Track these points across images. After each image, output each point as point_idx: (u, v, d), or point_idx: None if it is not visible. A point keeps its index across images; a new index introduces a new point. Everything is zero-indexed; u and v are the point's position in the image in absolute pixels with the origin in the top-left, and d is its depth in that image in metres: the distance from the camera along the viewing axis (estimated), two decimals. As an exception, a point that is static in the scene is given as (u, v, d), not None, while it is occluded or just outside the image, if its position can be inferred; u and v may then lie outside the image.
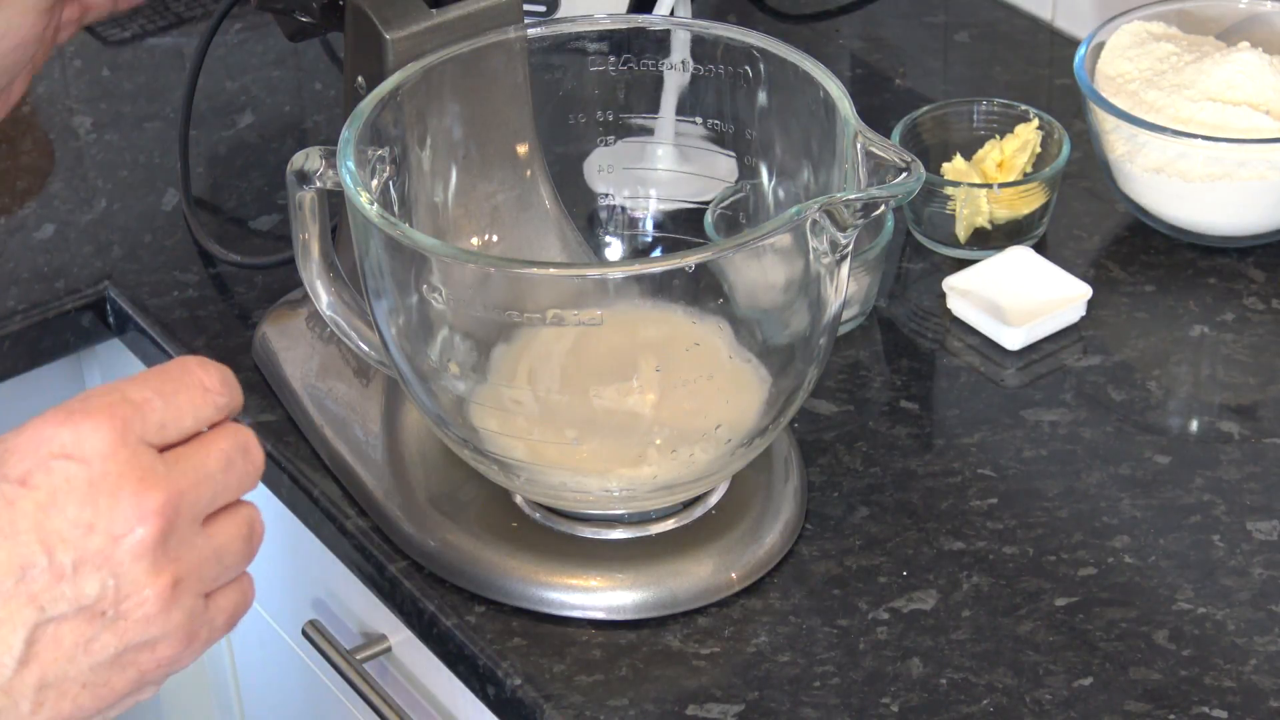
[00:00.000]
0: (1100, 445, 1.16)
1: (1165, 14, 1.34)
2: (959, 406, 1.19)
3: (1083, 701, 1.01)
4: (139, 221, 1.37)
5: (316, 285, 1.07)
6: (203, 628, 0.81)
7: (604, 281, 1.00)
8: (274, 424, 1.20)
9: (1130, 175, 1.29)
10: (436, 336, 1.03)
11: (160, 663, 0.80)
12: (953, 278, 1.26)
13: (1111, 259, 1.29)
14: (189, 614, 0.80)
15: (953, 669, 1.03)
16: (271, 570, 1.34)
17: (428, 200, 1.09)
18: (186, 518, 0.79)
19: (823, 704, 1.01)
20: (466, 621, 1.07)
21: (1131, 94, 1.29)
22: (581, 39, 1.11)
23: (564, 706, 1.02)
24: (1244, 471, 1.13)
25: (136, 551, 0.77)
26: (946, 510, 1.12)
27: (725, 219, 1.15)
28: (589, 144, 1.14)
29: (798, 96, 1.05)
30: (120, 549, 0.77)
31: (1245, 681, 1.02)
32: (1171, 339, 1.23)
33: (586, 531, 1.08)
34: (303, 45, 1.53)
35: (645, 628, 1.06)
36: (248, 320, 1.28)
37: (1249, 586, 1.07)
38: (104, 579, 0.77)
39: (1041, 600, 1.07)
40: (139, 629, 0.78)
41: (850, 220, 0.97)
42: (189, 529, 0.79)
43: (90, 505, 0.77)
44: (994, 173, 1.30)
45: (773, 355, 1.04)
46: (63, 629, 0.77)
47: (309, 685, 1.36)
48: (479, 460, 1.05)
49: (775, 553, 1.09)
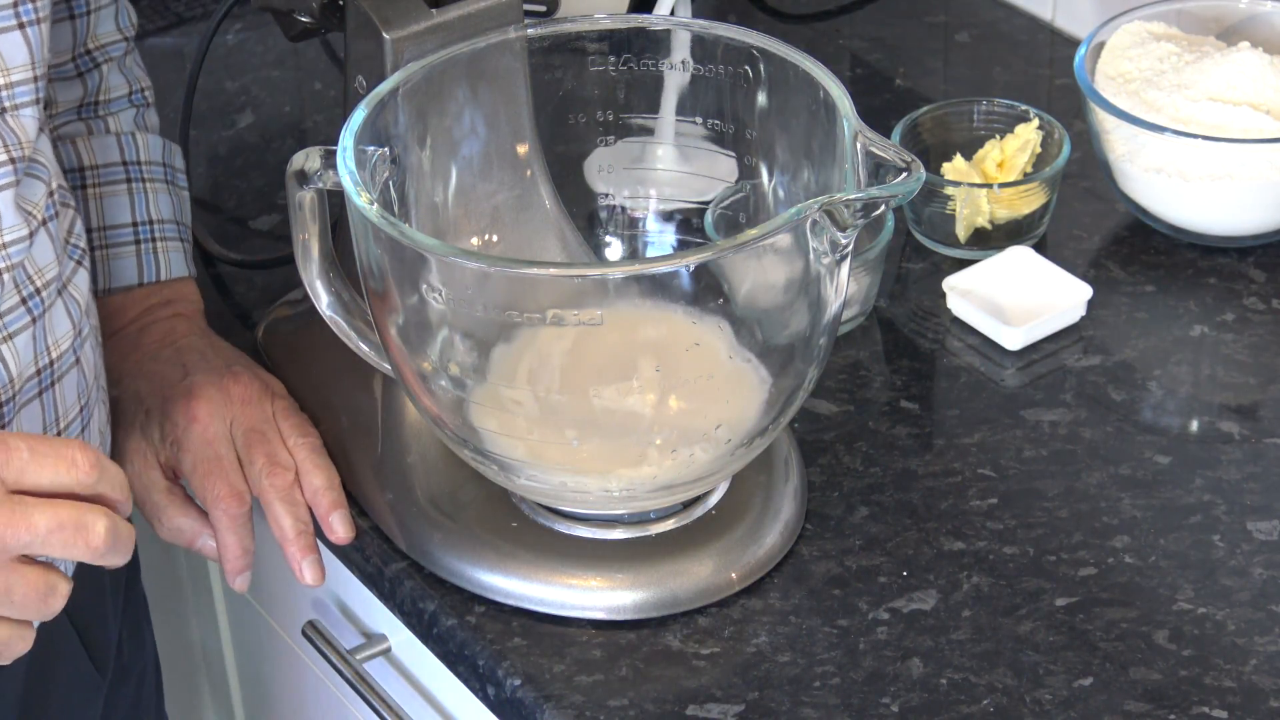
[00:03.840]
0: (1100, 445, 1.16)
1: (1165, 14, 1.34)
2: (959, 406, 1.19)
3: (1083, 701, 1.01)
4: (139, 221, 1.37)
5: (316, 285, 1.07)
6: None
7: (604, 281, 1.00)
8: (274, 424, 1.20)
9: (1130, 175, 1.29)
10: (436, 336, 1.03)
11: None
12: (953, 278, 1.26)
13: (1111, 259, 1.29)
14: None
15: (953, 669, 1.03)
16: (271, 570, 1.34)
17: (428, 200, 1.08)
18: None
19: (823, 704, 1.02)
20: (466, 621, 1.07)
21: (1131, 94, 1.29)
22: (581, 39, 1.11)
23: (564, 706, 1.02)
24: (1244, 471, 1.13)
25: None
26: (946, 510, 1.12)
27: (725, 219, 1.15)
28: (589, 144, 1.14)
29: (798, 96, 1.05)
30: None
31: (1245, 681, 1.02)
32: (1171, 339, 1.23)
33: (586, 531, 1.08)
34: (303, 45, 1.53)
35: (645, 628, 1.06)
36: (248, 320, 1.28)
37: (1249, 586, 1.07)
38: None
39: (1041, 600, 1.07)
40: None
41: (850, 220, 0.97)
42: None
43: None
44: (994, 173, 1.30)
45: (773, 355, 1.04)
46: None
47: (309, 685, 1.36)
48: (479, 460, 1.05)
49: (775, 553, 1.09)
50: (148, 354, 1.18)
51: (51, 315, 1.04)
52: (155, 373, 1.16)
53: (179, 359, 1.17)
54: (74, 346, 1.05)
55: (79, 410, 1.06)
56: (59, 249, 1.04)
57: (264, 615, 1.39)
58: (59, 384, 1.05)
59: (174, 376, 1.16)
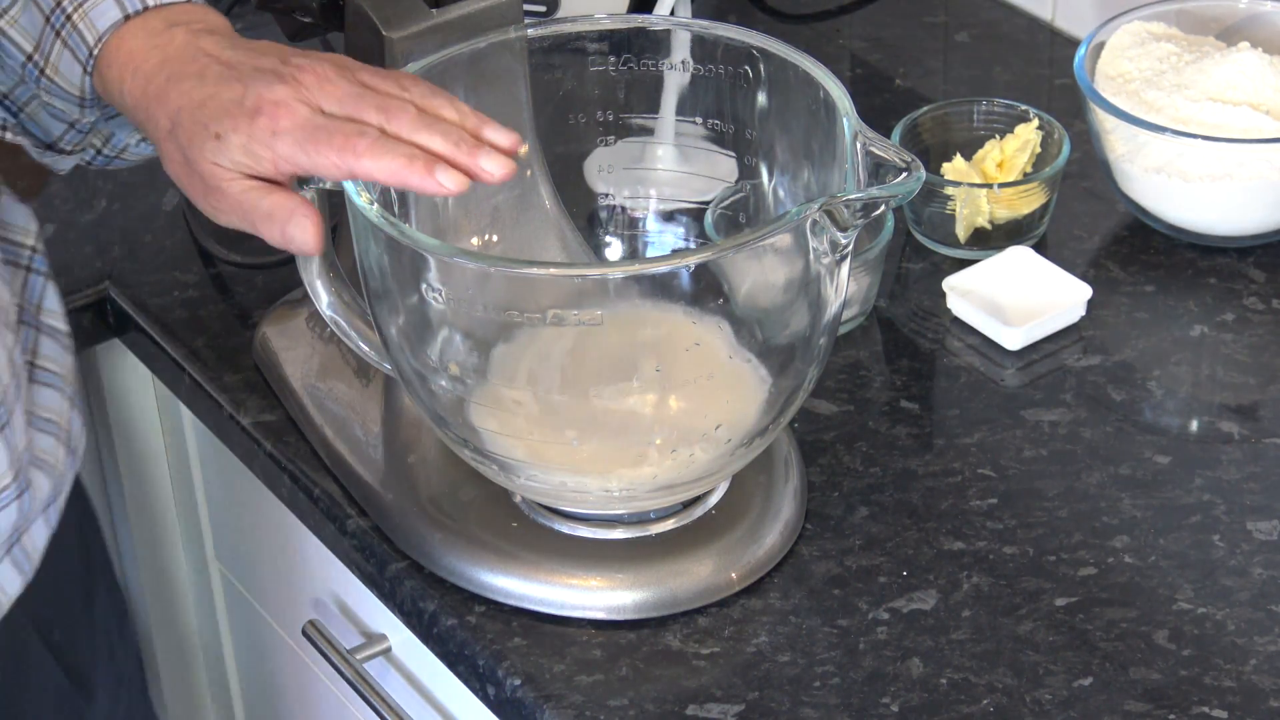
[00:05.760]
0: (1100, 445, 1.16)
1: (1165, 14, 1.34)
2: (959, 406, 1.19)
3: (1083, 701, 1.01)
4: (139, 221, 1.37)
5: (316, 285, 1.07)
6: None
7: (604, 281, 1.00)
8: (274, 424, 1.20)
9: (1130, 175, 1.29)
10: (436, 336, 1.03)
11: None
12: (953, 278, 1.26)
13: (1111, 259, 1.29)
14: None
15: (953, 669, 1.03)
16: (271, 570, 1.34)
17: (428, 200, 1.08)
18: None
19: (823, 704, 1.02)
20: (466, 621, 1.07)
21: (1132, 94, 1.29)
22: (581, 39, 1.11)
23: (564, 706, 1.02)
24: (1244, 471, 1.13)
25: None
26: (946, 510, 1.12)
27: (725, 219, 1.15)
28: (589, 144, 1.14)
29: (798, 96, 1.05)
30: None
31: (1245, 681, 1.02)
32: (1171, 339, 1.23)
33: (586, 531, 1.08)
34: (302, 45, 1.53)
35: (645, 628, 1.06)
36: (248, 320, 1.28)
37: (1249, 586, 1.07)
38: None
39: (1041, 600, 1.07)
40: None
41: (850, 220, 0.97)
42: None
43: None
44: (994, 173, 1.30)
45: (773, 355, 1.04)
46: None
47: (309, 685, 1.36)
48: (479, 460, 1.05)
49: (775, 553, 1.09)
50: (190, 76, 1.01)
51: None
52: (212, 96, 0.99)
53: (229, 74, 1.00)
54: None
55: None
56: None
57: (264, 615, 1.39)
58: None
59: (235, 93, 0.99)
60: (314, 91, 0.97)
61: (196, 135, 0.98)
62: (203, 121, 0.98)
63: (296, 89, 0.97)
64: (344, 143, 0.95)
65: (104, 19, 1.03)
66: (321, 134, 0.96)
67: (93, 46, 1.03)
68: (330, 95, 0.97)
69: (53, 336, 1.14)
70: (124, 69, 1.02)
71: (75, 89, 1.05)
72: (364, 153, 0.95)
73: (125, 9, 1.04)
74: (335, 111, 0.97)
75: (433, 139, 0.96)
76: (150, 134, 1.02)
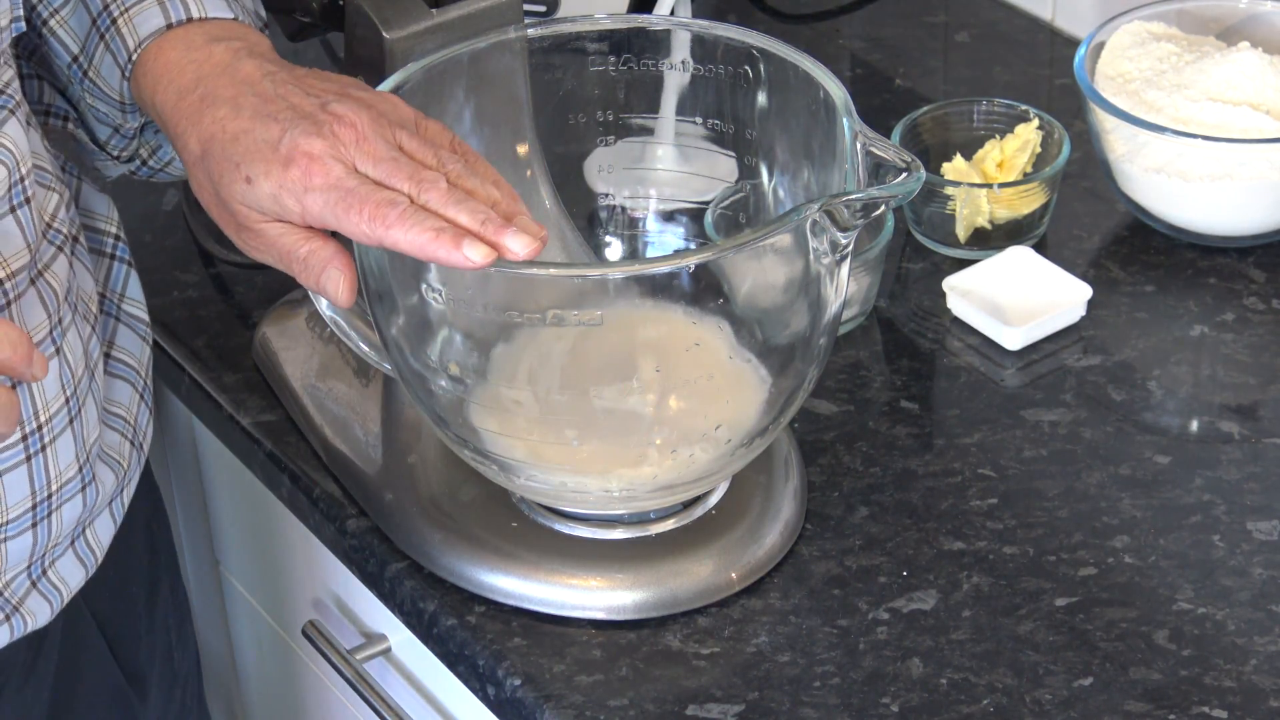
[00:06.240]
0: (1100, 445, 1.16)
1: (1165, 14, 1.34)
2: (959, 406, 1.19)
3: (1083, 701, 1.01)
4: (139, 221, 1.37)
5: (316, 285, 1.07)
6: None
7: (604, 281, 1.00)
8: (274, 424, 1.20)
9: (1130, 175, 1.29)
10: (436, 336, 1.03)
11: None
12: (953, 278, 1.26)
13: (1111, 259, 1.29)
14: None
15: (953, 669, 1.03)
16: (271, 570, 1.34)
17: (428, 200, 1.08)
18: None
19: (823, 704, 1.02)
20: (466, 621, 1.07)
21: (1132, 94, 1.29)
22: (581, 39, 1.11)
23: (564, 706, 1.02)
24: (1244, 471, 1.13)
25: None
26: (946, 510, 1.12)
27: (725, 219, 1.15)
28: (589, 144, 1.14)
29: (798, 96, 1.05)
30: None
31: (1245, 681, 1.02)
32: (1171, 339, 1.23)
33: (586, 531, 1.08)
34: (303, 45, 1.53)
35: (645, 628, 1.06)
36: (248, 320, 1.28)
37: (1249, 586, 1.07)
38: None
39: (1041, 600, 1.07)
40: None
41: (850, 220, 0.97)
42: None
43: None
44: (994, 173, 1.30)
45: (773, 355, 1.04)
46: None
47: (309, 685, 1.36)
48: (479, 460, 1.05)
49: (775, 553, 1.09)
50: (225, 101, 1.00)
51: (21, 305, 0.99)
52: (245, 132, 0.98)
53: (266, 110, 0.98)
54: (52, 337, 1.01)
55: (64, 401, 1.03)
56: (33, 236, 1.00)
57: (264, 615, 1.39)
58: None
59: (271, 135, 0.97)
60: (350, 149, 0.96)
61: (227, 172, 0.98)
62: (234, 160, 0.97)
63: (333, 144, 0.96)
64: (375, 211, 0.95)
65: (147, 25, 1.03)
66: (354, 199, 0.95)
67: (132, 51, 1.03)
68: (366, 155, 0.96)
69: (130, 327, 1.14)
70: (159, 79, 1.02)
71: (115, 93, 1.05)
72: (394, 223, 0.94)
73: (169, 17, 1.03)
74: (369, 173, 0.96)
75: (459, 215, 0.95)
76: (180, 153, 1.01)
